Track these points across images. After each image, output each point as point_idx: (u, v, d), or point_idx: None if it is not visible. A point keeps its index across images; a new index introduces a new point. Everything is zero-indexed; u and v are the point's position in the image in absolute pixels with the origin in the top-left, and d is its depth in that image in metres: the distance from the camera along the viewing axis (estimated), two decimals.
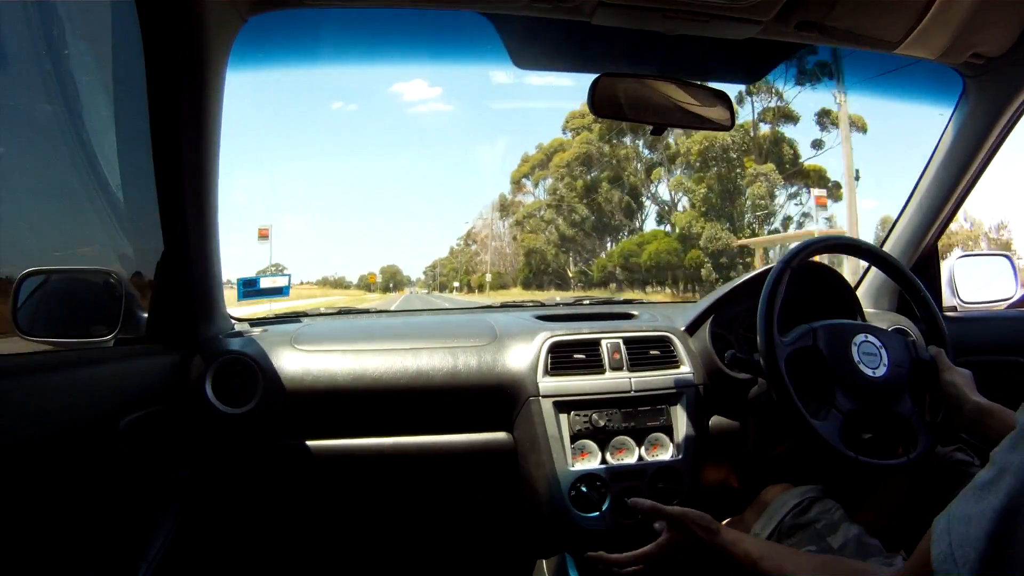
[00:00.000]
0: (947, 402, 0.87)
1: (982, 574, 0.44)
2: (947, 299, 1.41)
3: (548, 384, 1.10)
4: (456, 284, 26.82)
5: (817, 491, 0.91)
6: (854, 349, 0.89)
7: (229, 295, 1.22)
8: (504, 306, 1.64)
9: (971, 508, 0.47)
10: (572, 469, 1.05)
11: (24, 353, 0.78)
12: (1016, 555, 0.43)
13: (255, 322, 1.29)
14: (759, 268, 1.13)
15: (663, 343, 1.18)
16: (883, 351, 0.90)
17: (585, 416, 1.09)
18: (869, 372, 0.88)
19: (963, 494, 0.49)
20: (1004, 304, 1.41)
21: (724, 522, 0.87)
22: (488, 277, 24.12)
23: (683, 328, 1.23)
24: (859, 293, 1.39)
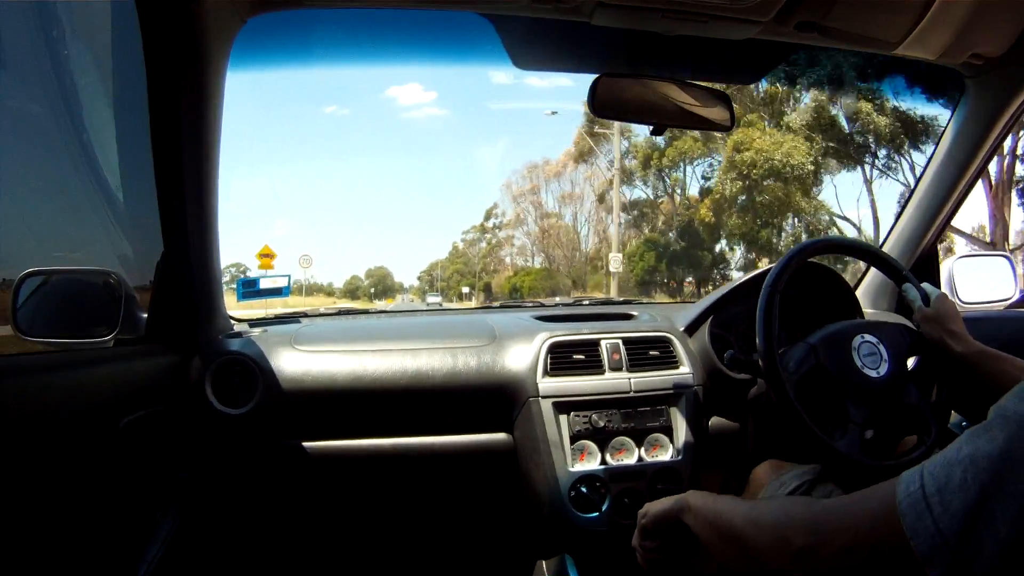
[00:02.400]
0: (934, 352, 0.86)
1: (964, 526, 0.39)
2: None
3: (548, 385, 1.10)
4: (466, 289, 19.50)
5: (814, 472, 0.90)
6: (855, 354, 0.88)
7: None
8: (503, 306, 1.64)
9: (956, 453, 0.41)
10: (572, 470, 1.05)
11: (24, 353, 0.78)
12: (1000, 511, 0.38)
13: (255, 322, 1.29)
14: (759, 269, 1.13)
15: (662, 343, 1.18)
16: (881, 347, 0.89)
17: (585, 417, 1.09)
18: (873, 374, 0.87)
19: (945, 449, 0.43)
20: (1004, 304, 1.41)
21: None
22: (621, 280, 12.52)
23: (682, 328, 1.23)
24: (858, 294, 1.39)
